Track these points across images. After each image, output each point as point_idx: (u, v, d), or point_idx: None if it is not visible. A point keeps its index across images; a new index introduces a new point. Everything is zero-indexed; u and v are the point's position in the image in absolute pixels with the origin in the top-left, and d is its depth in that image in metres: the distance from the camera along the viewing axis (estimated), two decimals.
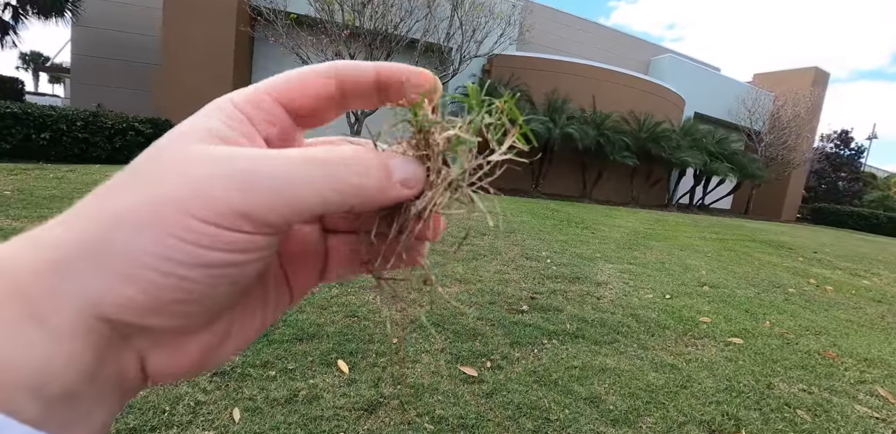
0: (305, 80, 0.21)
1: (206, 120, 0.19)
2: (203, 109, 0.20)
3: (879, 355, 2.45)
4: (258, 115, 0.20)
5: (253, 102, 0.20)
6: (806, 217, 18.80)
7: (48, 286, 0.14)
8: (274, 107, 0.20)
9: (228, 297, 0.18)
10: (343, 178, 0.18)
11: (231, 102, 0.20)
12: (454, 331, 2.02)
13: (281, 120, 0.21)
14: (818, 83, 17.21)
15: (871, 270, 5.37)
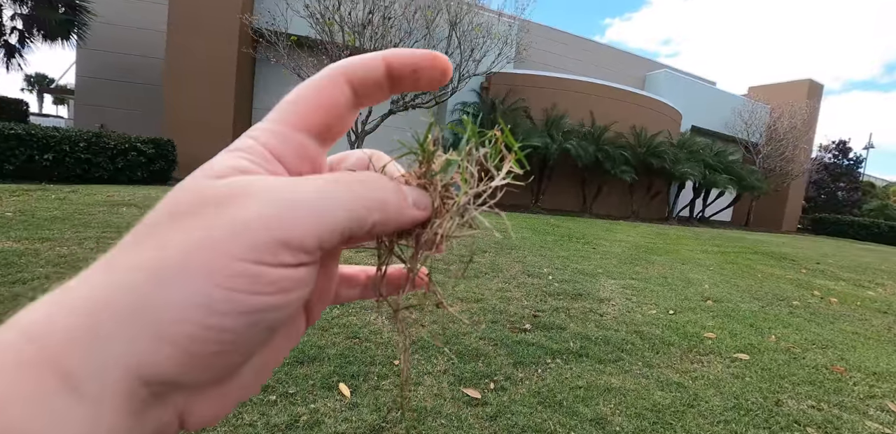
0: (318, 96, 0.20)
1: (230, 158, 0.19)
2: (228, 149, 0.20)
3: (888, 368, 2.42)
4: (286, 150, 0.20)
5: (277, 136, 0.20)
6: (807, 227, 18.78)
7: (84, 353, 0.14)
8: (295, 137, 0.20)
9: (266, 340, 0.18)
10: (366, 194, 0.18)
11: (252, 140, 0.20)
12: (457, 351, 2.01)
13: (310, 150, 0.21)
14: (813, 95, 17.48)
15: (874, 281, 5.34)
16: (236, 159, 0.19)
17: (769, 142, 15.69)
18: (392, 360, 1.89)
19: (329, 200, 0.17)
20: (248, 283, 0.15)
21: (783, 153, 15.31)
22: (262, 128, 0.20)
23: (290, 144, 0.20)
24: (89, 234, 3.31)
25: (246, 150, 0.19)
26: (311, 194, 0.17)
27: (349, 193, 0.18)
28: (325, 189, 0.17)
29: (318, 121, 0.20)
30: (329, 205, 0.17)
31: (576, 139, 10.04)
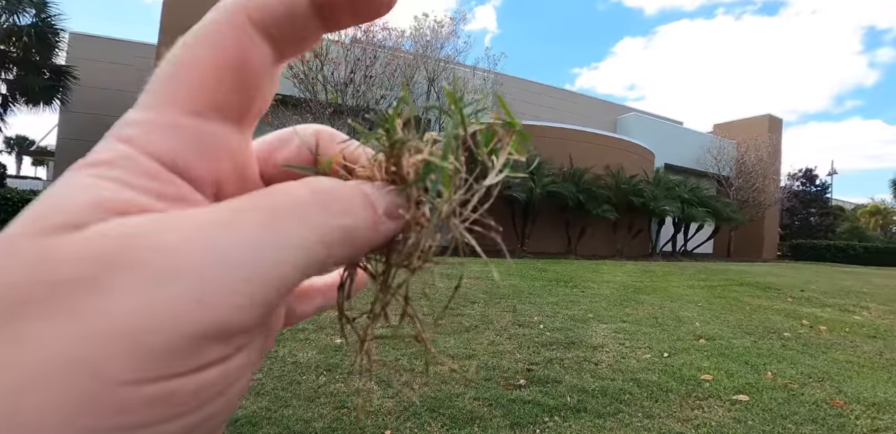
0: (214, 53, 0.13)
1: (81, 187, 0.12)
2: (77, 166, 0.12)
3: (886, 398, 2.40)
4: (184, 150, 0.13)
5: (164, 130, 0.13)
6: (786, 254, 19.17)
7: None
8: (197, 124, 0.13)
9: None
10: (328, 223, 0.13)
11: (124, 144, 0.13)
12: (450, 415, 1.94)
13: (223, 140, 0.14)
14: (773, 128, 18.70)
15: (859, 304, 5.40)
16: (98, 185, 0.12)
17: (739, 175, 16.50)
18: (383, 431, 1.81)
19: (279, 250, 0.12)
20: (156, 411, 0.10)
21: (754, 185, 16.06)
22: (138, 120, 0.13)
23: (188, 139, 0.13)
24: None
25: (116, 162, 0.12)
26: (247, 244, 0.11)
27: (307, 231, 0.12)
28: (269, 231, 0.12)
29: (221, 93, 0.13)
30: (279, 257, 0.11)
31: (557, 182, 10.38)
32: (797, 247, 18.60)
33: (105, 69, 11.96)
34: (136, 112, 0.13)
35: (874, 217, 31.87)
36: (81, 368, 0.09)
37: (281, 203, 0.13)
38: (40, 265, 0.10)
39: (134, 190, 0.12)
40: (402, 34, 9.20)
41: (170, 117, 0.13)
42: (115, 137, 0.13)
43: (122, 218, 0.11)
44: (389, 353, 2.67)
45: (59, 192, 0.12)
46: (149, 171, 0.12)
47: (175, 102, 0.13)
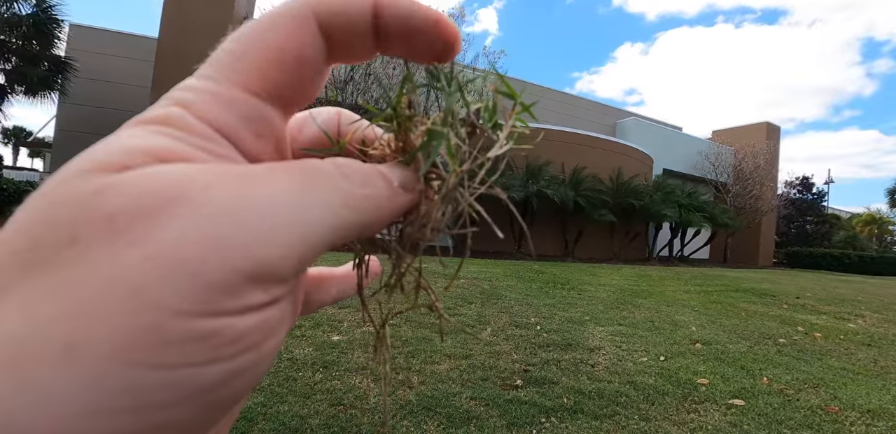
0: (276, 41, 0.14)
1: (135, 135, 0.12)
2: (136, 121, 0.13)
3: (880, 405, 2.41)
4: (236, 123, 0.14)
5: (220, 102, 0.13)
6: (782, 261, 19.26)
7: None
8: (251, 102, 0.14)
9: (219, 419, 0.12)
10: (351, 191, 0.14)
11: (181, 108, 0.13)
12: (446, 414, 1.93)
13: (270, 121, 0.15)
14: (771, 136, 18.79)
15: (854, 312, 5.43)
16: (151, 136, 0.12)
17: (737, 181, 16.56)
18: (379, 428, 1.80)
19: (309, 207, 0.12)
20: (197, 350, 0.10)
21: (751, 191, 16.12)
22: (197, 87, 0.14)
23: (241, 114, 0.14)
24: None
25: (170, 122, 0.13)
26: (282, 198, 0.12)
27: (333, 195, 0.13)
28: (301, 190, 0.12)
29: (279, 78, 0.14)
30: (310, 214, 0.12)
31: (555, 186, 10.39)
32: (793, 254, 18.69)
33: (105, 61, 11.90)
34: (197, 80, 0.14)
35: (869, 226, 32.07)
36: (140, 295, 0.09)
37: (310, 170, 0.13)
38: (96, 198, 0.10)
39: (185, 144, 0.12)
40: None
41: (229, 91, 0.14)
42: (171, 100, 0.13)
43: (171, 165, 0.11)
44: None
45: (113, 140, 0.12)
46: (203, 132, 0.13)
47: (236, 78, 0.14)
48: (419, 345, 2.81)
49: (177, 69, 9.45)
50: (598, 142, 12.52)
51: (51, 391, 0.09)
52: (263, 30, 0.14)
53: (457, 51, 0.16)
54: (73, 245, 0.10)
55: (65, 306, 0.09)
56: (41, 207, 0.10)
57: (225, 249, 0.10)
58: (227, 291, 0.10)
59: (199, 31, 9.64)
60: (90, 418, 0.09)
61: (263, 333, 0.11)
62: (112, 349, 0.09)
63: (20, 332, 0.09)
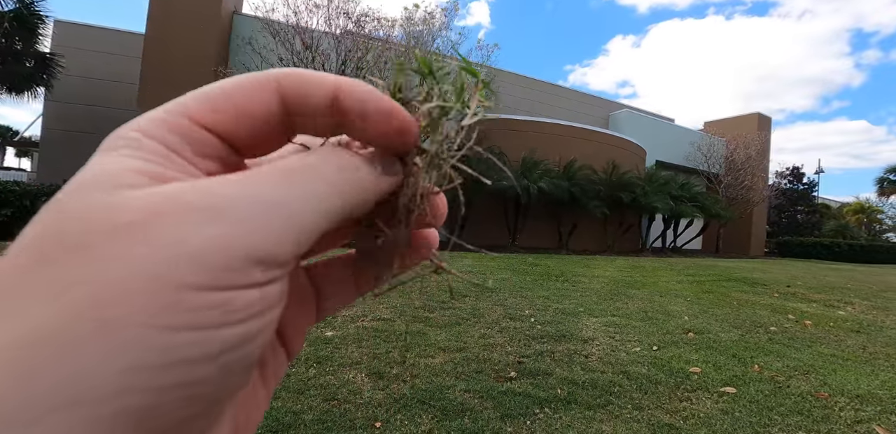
0: (234, 93, 0.16)
1: (118, 160, 0.14)
2: (103, 149, 0.15)
3: (869, 390, 2.45)
4: (186, 147, 0.15)
5: (174, 129, 0.15)
6: (773, 251, 19.47)
7: None
8: (201, 133, 0.15)
9: (243, 385, 0.14)
10: (338, 179, 0.15)
11: (142, 134, 0.15)
12: (440, 407, 1.93)
13: (217, 150, 0.16)
14: (763, 126, 18.87)
15: (843, 300, 5.50)
16: (130, 159, 0.14)
17: (729, 172, 16.64)
18: (373, 423, 1.79)
19: (299, 197, 0.14)
20: (213, 315, 0.12)
21: (743, 182, 16.21)
22: (151, 117, 0.15)
23: (182, 134, 0.15)
24: None
25: (134, 146, 0.14)
26: (272, 192, 0.14)
27: (317, 184, 0.15)
28: (288, 183, 0.14)
29: (231, 123, 0.16)
30: (302, 203, 0.14)
31: (549, 178, 10.38)
32: (784, 244, 18.89)
33: (91, 58, 11.67)
34: (154, 112, 0.16)
35: (858, 215, 32.42)
36: (159, 279, 0.11)
37: (294, 164, 0.15)
38: (109, 212, 0.12)
39: (160, 165, 0.14)
40: (394, 25, 9.09)
41: (175, 118, 0.15)
42: (127, 128, 0.15)
43: (169, 184, 0.14)
44: (381, 345, 2.65)
45: (104, 165, 0.14)
46: (163, 153, 0.15)
47: (185, 111, 0.15)
48: (413, 338, 2.81)
49: (164, 65, 9.28)
50: (592, 134, 12.51)
51: (89, 356, 0.11)
52: (227, 83, 0.16)
53: (408, 140, 0.17)
54: (87, 249, 0.12)
55: (88, 295, 0.11)
56: (51, 221, 0.13)
57: (227, 241, 0.12)
58: (232, 272, 0.12)
59: (187, 26, 9.47)
60: (138, 374, 0.11)
61: (265, 304, 0.13)
62: (143, 319, 0.11)
63: (50, 322, 0.11)
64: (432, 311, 3.50)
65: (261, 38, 8.42)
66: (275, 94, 0.16)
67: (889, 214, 33.79)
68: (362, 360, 2.41)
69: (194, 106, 0.15)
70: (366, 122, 0.16)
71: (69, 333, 0.11)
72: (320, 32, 8.47)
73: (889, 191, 27.08)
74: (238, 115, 0.16)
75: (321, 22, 8.53)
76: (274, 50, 8.26)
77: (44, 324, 0.11)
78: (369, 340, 2.74)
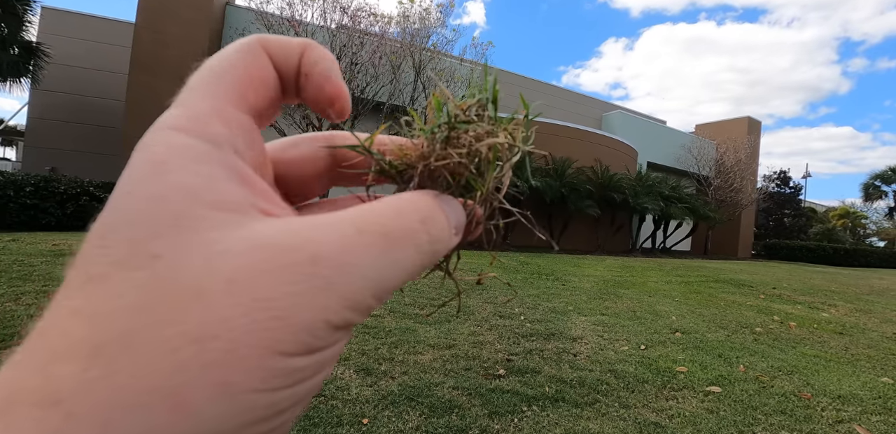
0: (246, 68, 0.17)
1: (231, 186, 0.14)
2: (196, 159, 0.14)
3: (850, 390, 2.49)
4: (246, 146, 0.16)
5: (225, 119, 0.16)
6: (760, 253, 19.74)
7: None
8: (249, 123, 0.17)
9: None
10: (429, 250, 0.16)
11: (234, 150, 0.15)
12: (429, 404, 1.92)
13: (259, 141, 0.17)
14: (752, 130, 19.09)
15: (827, 302, 5.59)
16: (236, 188, 0.14)
17: (718, 175, 16.83)
18: (360, 419, 1.78)
19: (393, 266, 0.15)
20: (301, 375, 0.13)
21: (732, 185, 16.40)
22: (212, 111, 0.15)
23: (239, 126, 0.16)
24: (28, 289, 3.07)
25: (233, 166, 0.15)
26: (375, 262, 0.14)
27: (413, 255, 0.15)
28: (389, 249, 0.15)
29: (252, 96, 0.17)
30: (393, 271, 0.15)
31: (541, 176, 10.41)
32: (771, 246, 19.16)
33: (80, 46, 11.43)
34: (203, 100, 0.16)
35: (843, 219, 33.00)
36: (266, 347, 0.12)
37: (396, 230, 0.15)
38: (219, 258, 0.13)
39: (253, 194, 0.15)
40: (390, 21, 9.02)
41: (225, 109, 0.16)
42: (205, 134, 0.15)
43: (266, 222, 0.14)
44: (370, 342, 2.64)
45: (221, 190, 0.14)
46: (248, 175, 0.15)
47: (229, 99, 0.16)
48: (402, 335, 2.79)
49: (154, 55, 9.12)
50: (584, 134, 12.55)
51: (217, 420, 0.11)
52: (231, 61, 0.16)
53: (338, 108, 0.18)
54: (199, 299, 0.12)
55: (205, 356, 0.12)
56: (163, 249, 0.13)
57: (318, 312, 0.13)
58: (317, 338, 0.13)
59: (179, 14, 9.30)
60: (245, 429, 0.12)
61: (333, 358, 0.14)
62: (255, 385, 0.12)
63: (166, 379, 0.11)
64: (422, 308, 3.49)
65: (254, 29, 8.31)
66: (268, 59, 0.17)
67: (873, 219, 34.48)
68: (350, 357, 2.40)
69: (224, 90, 0.16)
70: (308, 81, 0.17)
71: (185, 394, 0.11)
72: (315, 26, 8.37)
73: (874, 196, 27.58)
74: (259, 89, 0.17)
75: (316, 15, 8.44)
76: None
77: (161, 381, 0.11)
78: (358, 337, 2.72)
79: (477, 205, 0.19)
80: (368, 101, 8.78)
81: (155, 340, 0.11)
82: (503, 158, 0.19)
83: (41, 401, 0.10)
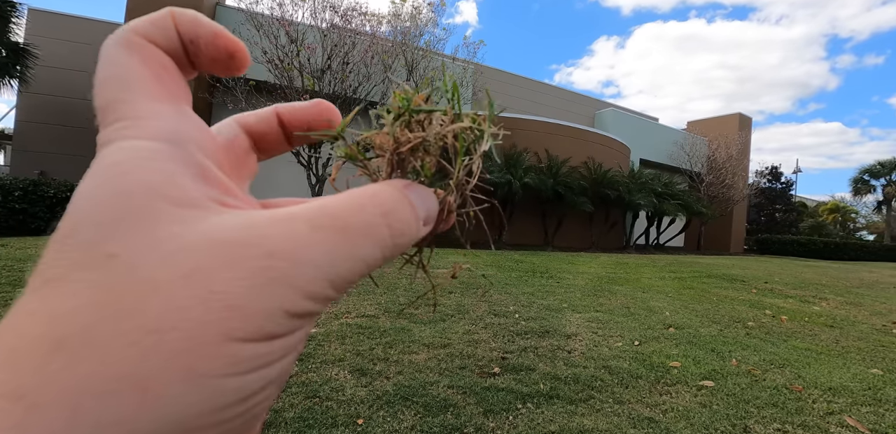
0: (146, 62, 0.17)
1: (181, 180, 0.15)
2: (152, 157, 0.15)
3: (841, 382, 2.52)
4: (229, 161, 0.18)
5: (191, 123, 0.17)
6: (753, 248, 19.92)
7: None
8: (189, 113, 0.17)
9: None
10: (391, 244, 0.16)
11: (188, 143, 0.16)
12: (423, 403, 1.93)
13: (201, 125, 0.17)
14: (743, 127, 19.24)
15: (818, 295, 5.66)
16: (195, 182, 0.15)
17: (710, 171, 16.95)
18: (355, 420, 1.78)
19: (351, 259, 0.15)
20: (259, 362, 0.13)
21: (724, 181, 16.54)
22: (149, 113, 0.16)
23: (197, 127, 0.17)
24: (18, 295, 3.01)
25: (182, 162, 0.15)
26: (329, 255, 0.14)
27: (374, 249, 0.16)
28: (346, 243, 0.15)
29: (173, 87, 0.17)
30: (352, 264, 0.15)
31: (535, 174, 10.43)
32: (763, 241, 19.34)
33: (68, 48, 11.29)
34: (118, 119, 0.16)
35: (834, 214, 33.37)
36: (223, 334, 0.13)
37: (354, 225, 0.15)
38: (183, 255, 0.13)
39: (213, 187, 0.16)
40: (381, 21, 8.98)
41: (153, 106, 0.16)
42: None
43: (223, 213, 0.15)
44: (364, 342, 2.64)
45: (177, 179, 0.15)
46: (213, 174, 0.16)
47: (147, 97, 0.16)
48: (397, 335, 2.79)
49: None
50: (577, 132, 12.60)
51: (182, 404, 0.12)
52: (123, 63, 0.16)
53: (239, 58, 0.18)
54: (156, 290, 0.12)
55: (167, 345, 0.12)
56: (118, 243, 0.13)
57: (272, 299, 0.13)
58: (273, 323, 0.13)
59: None
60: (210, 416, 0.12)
61: (292, 347, 0.15)
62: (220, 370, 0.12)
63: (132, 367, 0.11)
64: (417, 308, 3.49)
65: (244, 30, 8.23)
66: (153, 45, 0.17)
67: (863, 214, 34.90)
68: (345, 357, 2.39)
69: (151, 94, 0.16)
70: (198, 46, 0.17)
71: (152, 380, 0.11)
72: (306, 26, 8.32)
73: (863, 191, 27.91)
74: (171, 76, 0.17)
75: (307, 15, 8.38)
76: (258, 42, 8.09)
77: (126, 370, 0.11)
78: (353, 337, 2.71)
79: (448, 193, 0.19)
80: (361, 100, 8.74)
81: (115, 332, 0.12)
82: (471, 146, 0.19)
83: (5, 394, 0.11)
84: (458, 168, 0.19)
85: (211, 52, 0.17)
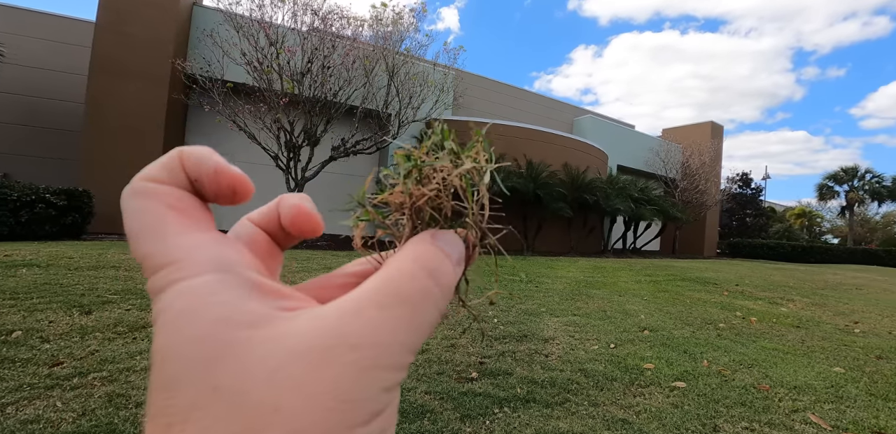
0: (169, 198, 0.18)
1: (246, 303, 0.16)
2: (213, 292, 0.16)
3: (805, 381, 2.62)
4: (260, 258, 0.20)
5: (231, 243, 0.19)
6: (725, 252, 20.54)
7: None
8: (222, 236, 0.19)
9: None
10: (445, 304, 0.18)
11: (236, 265, 0.17)
12: (401, 410, 1.92)
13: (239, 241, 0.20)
14: (716, 135, 19.86)
15: (786, 297, 5.87)
16: (256, 300, 0.16)
17: (685, 177, 17.44)
18: None
19: (416, 335, 0.17)
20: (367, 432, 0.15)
21: (697, 187, 17.03)
22: (190, 246, 0.17)
23: (237, 244, 0.19)
24: None
25: (237, 285, 0.17)
26: (398, 337, 0.16)
27: (433, 316, 0.17)
28: (408, 326, 0.16)
29: (202, 217, 0.19)
30: (416, 336, 0.17)
31: (516, 179, 10.53)
32: (734, 245, 19.96)
33: (37, 46, 10.88)
34: (166, 263, 0.17)
35: (801, 219, 34.71)
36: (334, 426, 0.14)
37: (412, 295, 0.17)
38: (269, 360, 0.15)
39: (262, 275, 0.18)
40: (362, 24, 8.97)
41: (191, 239, 0.17)
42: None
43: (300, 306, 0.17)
44: None
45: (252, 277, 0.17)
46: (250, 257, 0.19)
47: (183, 233, 0.17)
48: None
49: (116, 55, 8.76)
50: (556, 138, 12.81)
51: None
52: (151, 203, 0.17)
53: (241, 193, 0.19)
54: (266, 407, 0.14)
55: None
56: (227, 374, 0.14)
57: (370, 383, 0.15)
58: (375, 402, 0.15)
59: (141, 13, 8.98)
60: None
61: (393, 415, 0.16)
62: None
63: None
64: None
65: (223, 30, 8.09)
66: (175, 188, 0.18)
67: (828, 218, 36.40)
68: None
69: (184, 229, 0.17)
70: (202, 184, 0.18)
71: None
72: (286, 28, 8.24)
73: (828, 196, 29.15)
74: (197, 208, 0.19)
75: (287, 18, 8.31)
76: (237, 44, 7.96)
77: None
78: None
79: (469, 230, 0.21)
80: (342, 105, 8.69)
81: None
82: (476, 181, 0.20)
83: None
84: (472, 206, 0.20)
85: (213, 189, 0.19)
